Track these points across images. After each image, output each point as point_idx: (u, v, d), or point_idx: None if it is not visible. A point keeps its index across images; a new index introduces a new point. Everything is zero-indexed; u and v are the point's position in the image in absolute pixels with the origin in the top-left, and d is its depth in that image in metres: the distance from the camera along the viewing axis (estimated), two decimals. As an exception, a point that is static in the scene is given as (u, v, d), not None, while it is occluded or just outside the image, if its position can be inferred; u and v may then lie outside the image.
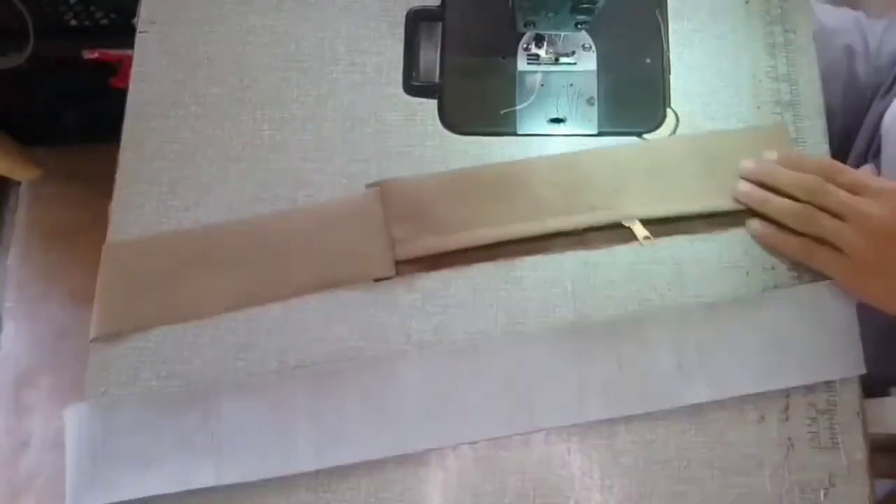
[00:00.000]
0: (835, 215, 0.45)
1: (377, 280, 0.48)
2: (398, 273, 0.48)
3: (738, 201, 0.48)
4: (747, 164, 0.49)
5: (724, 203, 0.49)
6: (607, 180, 0.49)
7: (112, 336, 0.48)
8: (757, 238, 0.48)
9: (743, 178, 0.49)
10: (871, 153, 0.65)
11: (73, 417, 0.46)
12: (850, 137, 0.67)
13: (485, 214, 0.49)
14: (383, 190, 0.50)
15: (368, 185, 0.50)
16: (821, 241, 0.46)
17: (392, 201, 0.49)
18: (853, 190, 0.45)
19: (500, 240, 0.48)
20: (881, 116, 0.64)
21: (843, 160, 0.65)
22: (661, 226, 0.49)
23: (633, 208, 0.49)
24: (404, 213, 0.49)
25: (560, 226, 0.48)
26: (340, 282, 0.48)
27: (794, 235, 0.47)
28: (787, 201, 0.47)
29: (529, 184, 0.49)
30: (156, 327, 0.48)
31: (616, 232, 0.49)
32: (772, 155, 0.49)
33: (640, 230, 0.48)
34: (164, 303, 0.49)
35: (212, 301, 0.48)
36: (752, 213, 0.48)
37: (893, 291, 0.44)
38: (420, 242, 0.49)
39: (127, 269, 0.49)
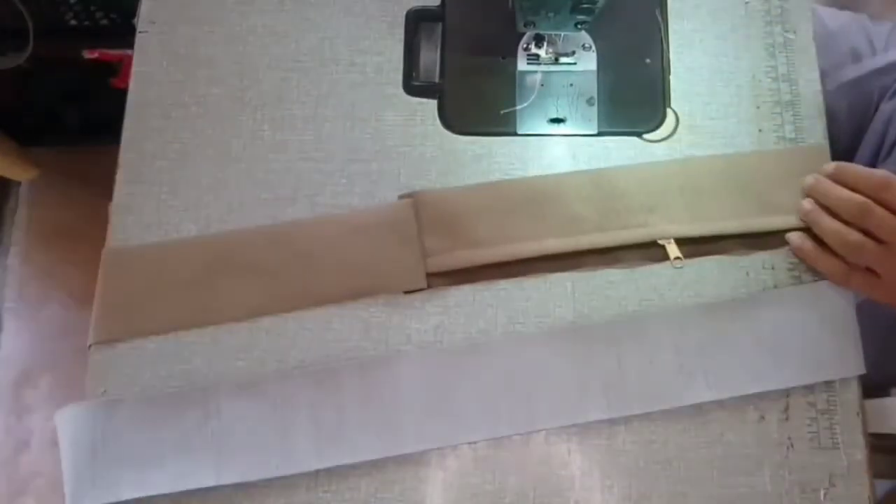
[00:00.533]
0: (877, 238, 0.45)
1: (407, 292, 0.48)
2: (429, 285, 0.48)
3: (801, 220, 0.48)
4: (807, 180, 0.48)
5: (758, 223, 0.49)
6: (641, 198, 0.49)
7: (111, 340, 0.48)
8: (795, 252, 0.48)
9: (806, 193, 0.49)
10: (882, 155, 0.65)
11: (68, 419, 0.46)
12: (855, 140, 0.67)
13: (518, 229, 0.49)
14: (417, 201, 0.49)
15: (401, 196, 0.50)
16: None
17: (425, 213, 0.49)
18: None
19: (533, 255, 0.48)
20: (889, 119, 0.64)
21: (850, 162, 0.65)
22: (693, 245, 0.49)
23: (666, 227, 0.49)
24: (437, 225, 0.49)
25: (593, 243, 0.48)
26: (371, 292, 0.48)
27: (833, 257, 0.46)
28: (835, 225, 0.46)
29: (563, 200, 0.49)
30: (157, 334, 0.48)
31: (648, 250, 0.49)
32: (828, 168, 0.48)
33: (673, 249, 0.48)
34: (170, 311, 0.48)
35: (230, 311, 0.48)
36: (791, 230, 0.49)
37: None
38: (452, 255, 0.48)
39: (129, 275, 0.49)
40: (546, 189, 0.50)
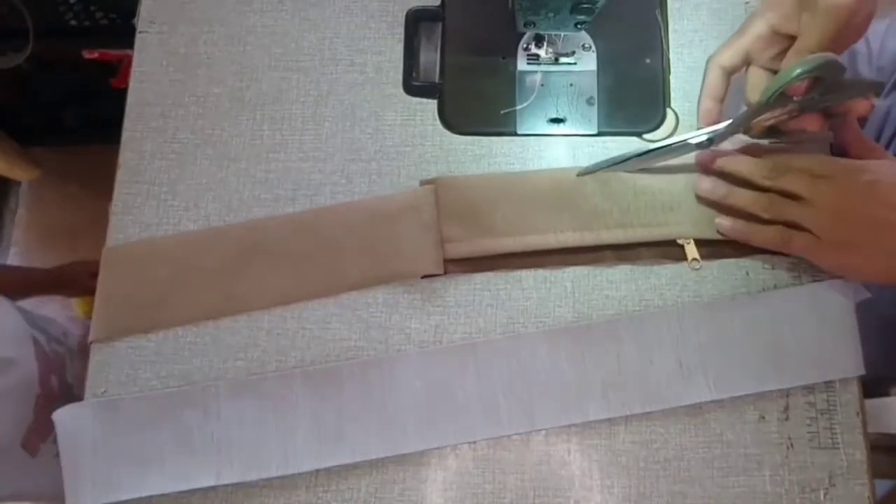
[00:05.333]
0: (795, 198, 0.45)
1: (425, 277, 0.48)
2: (446, 272, 0.48)
3: (700, 199, 0.48)
4: (704, 154, 0.48)
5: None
6: (663, 196, 0.49)
7: (110, 337, 0.48)
8: (728, 234, 0.47)
9: (702, 170, 0.48)
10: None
11: (68, 418, 0.47)
12: None
13: (539, 220, 0.48)
14: (438, 187, 0.49)
15: (423, 182, 0.50)
16: (786, 225, 0.46)
17: (446, 199, 0.49)
18: (809, 173, 0.45)
19: (551, 247, 0.48)
20: (885, 115, 0.64)
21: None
22: (712, 247, 0.48)
23: (687, 227, 0.48)
24: (457, 212, 0.49)
25: (613, 239, 0.48)
26: (389, 278, 0.48)
27: (765, 226, 0.46)
28: (751, 192, 0.46)
29: (585, 194, 0.49)
30: (158, 330, 0.48)
31: (666, 249, 0.48)
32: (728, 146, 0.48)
33: (691, 250, 0.48)
34: (194, 302, 0.48)
35: (258, 299, 0.48)
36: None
37: (869, 261, 0.44)
38: (471, 243, 0.48)
39: (130, 272, 0.49)
40: (568, 181, 0.49)
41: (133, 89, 0.53)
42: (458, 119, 0.52)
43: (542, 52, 0.53)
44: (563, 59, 0.53)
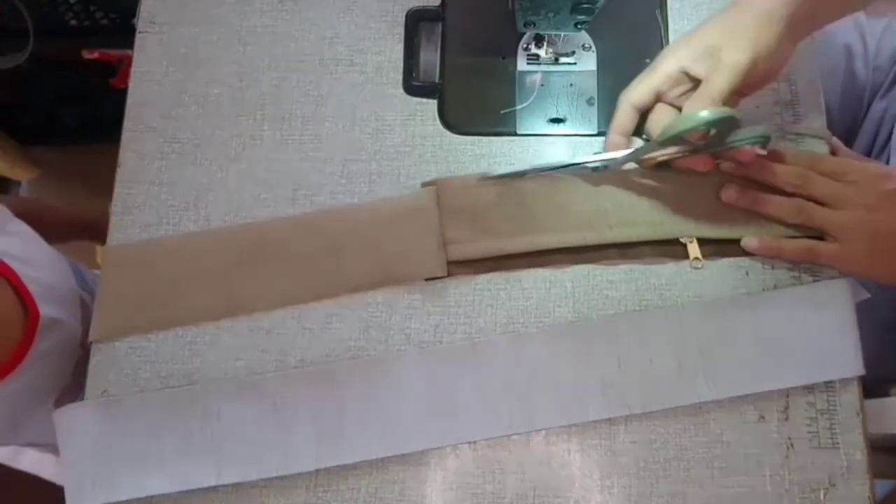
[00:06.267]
0: (821, 204, 0.46)
1: (428, 280, 0.48)
2: (449, 273, 0.48)
3: (728, 205, 0.48)
4: (731, 159, 0.48)
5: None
6: (665, 194, 0.49)
7: (112, 336, 0.48)
8: (757, 252, 0.47)
9: (726, 172, 0.48)
10: (875, 153, 0.65)
11: (68, 419, 0.46)
12: (848, 136, 0.67)
13: (541, 220, 0.48)
14: (440, 189, 0.49)
15: (424, 184, 0.50)
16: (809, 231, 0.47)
17: (448, 201, 0.49)
18: (835, 177, 0.46)
19: (555, 247, 0.48)
20: (882, 116, 0.64)
21: None
22: (714, 245, 0.48)
23: (689, 226, 0.48)
24: (460, 213, 0.49)
25: (616, 237, 0.48)
26: (392, 281, 0.48)
27: (792, 240, 0.47)
28: (778, 197, 0.47)
29: (586, 191, 0.49)
30: (158, 330, 0.48)
31: (669, 248, 0.48)
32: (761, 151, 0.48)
33: (694, 249, 0.48)
34: (196, 302, 0.48)
35: (262, 300, 0.48)
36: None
37: (892, 267, 0.46)
38: (474, 245, 0.48)
39: (131, 272, 0.49)
40: (570, 180, 0.49)
41: (133, 89, 0.53)
42: (458, 119, 0.52)
43: (542, 52, 0.53)
44: (563, 59, 0.53)
